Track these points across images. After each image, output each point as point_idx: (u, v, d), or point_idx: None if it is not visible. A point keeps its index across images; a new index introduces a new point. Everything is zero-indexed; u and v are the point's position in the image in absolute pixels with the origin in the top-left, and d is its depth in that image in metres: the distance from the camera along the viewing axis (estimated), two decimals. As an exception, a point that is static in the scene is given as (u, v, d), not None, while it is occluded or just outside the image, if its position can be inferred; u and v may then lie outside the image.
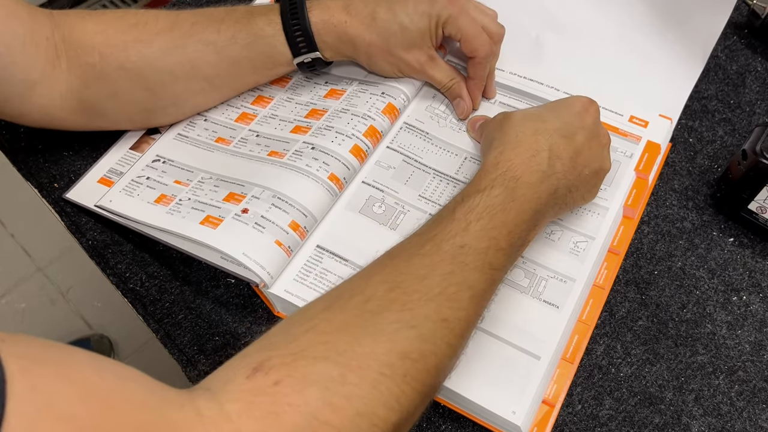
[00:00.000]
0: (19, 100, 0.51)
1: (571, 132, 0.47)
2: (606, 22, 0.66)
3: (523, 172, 0.43)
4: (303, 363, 0.33)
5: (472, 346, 0.47)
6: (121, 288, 0.53)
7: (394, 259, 0.40)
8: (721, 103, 0.63)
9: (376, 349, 0.35)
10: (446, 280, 0.38)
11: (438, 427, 0.47)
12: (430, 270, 0.38)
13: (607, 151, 0.50)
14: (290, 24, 0.53)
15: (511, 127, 0.47)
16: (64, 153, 0.59)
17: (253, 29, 0.53)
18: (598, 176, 0.49)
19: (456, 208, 0.42)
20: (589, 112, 0.49)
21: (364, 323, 0.35)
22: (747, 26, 0.68)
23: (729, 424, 0.47)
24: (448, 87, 0.57)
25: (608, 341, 0.51)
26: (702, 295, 0.53)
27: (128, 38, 0.51)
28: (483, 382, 0.46)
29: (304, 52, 0.54)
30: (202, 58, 0.53)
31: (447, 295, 0.38)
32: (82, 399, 0.26)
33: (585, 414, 0.48)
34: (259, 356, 0.33)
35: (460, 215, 0.41)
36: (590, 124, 0.48)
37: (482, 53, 0.55)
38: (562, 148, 0.45)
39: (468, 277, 0.39)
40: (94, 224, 0.56)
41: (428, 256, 0.39)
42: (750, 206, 0.53)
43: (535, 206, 0.44)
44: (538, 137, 0.45)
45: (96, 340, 1.30)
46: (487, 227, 0.41)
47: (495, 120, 0.50)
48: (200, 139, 0.58)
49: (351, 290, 0.38)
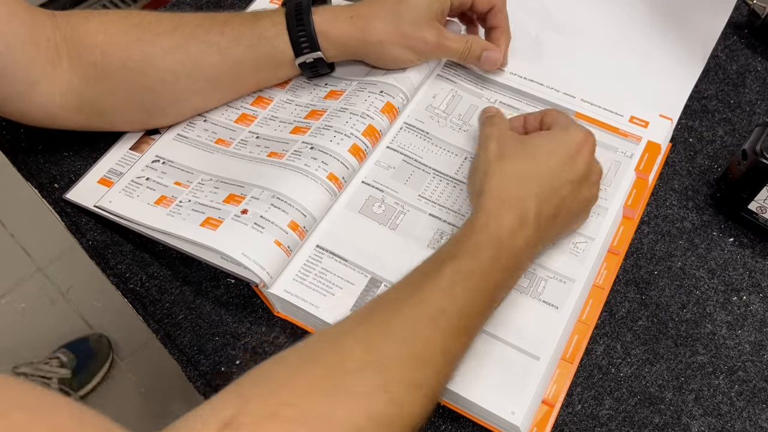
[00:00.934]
0: (19, 98, 0.51)
1: (559, 184, 0.46)
2: (606, 22, 0.66)
3: (510, 240, 0.43)
4: (275, 426, 0.33)
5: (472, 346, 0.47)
6: (122, 288, 0.53)
7: (375, 316, 0.40)
8: (721, 103, 0.63)
9: (349, 414, 0.34)
10: (423, 345, 0.38)
11: (438, 427, 0.47)
12: (409, 333, 0.38)
13: (596, 186, 0.50)
14: (294, 24, 0.53)
15: (503, 182, 0.46)
16: (65, 153, 0.59)
17: (257, 30, 0.53)
18: (585, 210, 0.50)
19: (443, 266, 0.41)
20: (582, 154, 0.47)
21: (339, 386, 0.35)
22: (747, 26, 0.68)
23: (729, 424, 0.47)
24: (467, 50, 0.57)
25: (608, 341, 0.51)
26: (702, 295, 0.53)
27: (131, 37, 0.52)
28: (482, 383, 0.46)
29: (307, 52, 0.54)
30: (205, 58, 0.53)
31: (423, 361, 0.38)
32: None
33: (585, 414, 0.48)
34: (232, 409, 0.33)
35: (447, 273, 0.41)
36: (581, 169, 0.47)
37: (500, 2, 0.57)
38: (550, 205, 0.45)
39: (445, 342, 0.39)
40: (94, 224, 0.56)
41: (407, 318, 0.39)
42: (750, 206, 0.53)
43: (517, 269, 0.45)
44: (526, 199, 0.44)
45: (95, 340, 1.30)
46: (470, 290, 0.41)
47: (487, 160, 0.48)
48: (200, 140, 0.58)
49: (329, 344, 0.38)
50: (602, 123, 0.58)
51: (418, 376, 0.37)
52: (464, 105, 0.59)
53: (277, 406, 0.34)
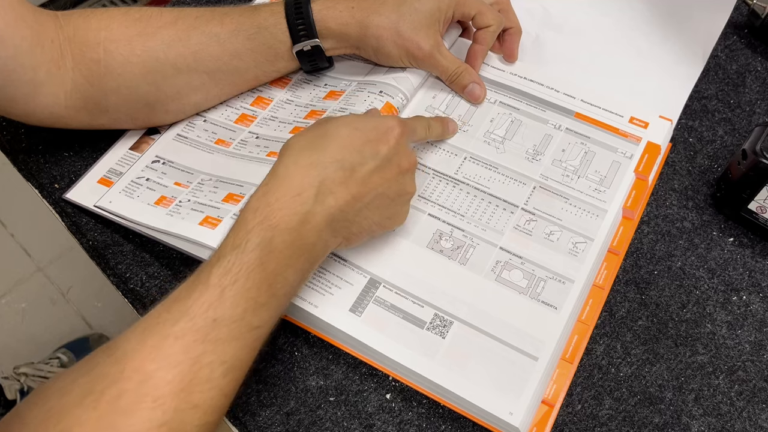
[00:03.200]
0: (24, 100, 0.51)
1: (354, 163, 0.44)
2: (606, 22, 0.66)
3: (281, 218, 0.41)
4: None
5: (470, 347, 0.47)
6: (122, 288, 0.53)
7: (147, 337, 0.38)
8: (721, 103, 0.63)
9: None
10: (198, 363, 0.37)
11: (438, 427, 0.47)
12: (182, 355, 0.37)
13: (410, 176, 0.47)
14: (293, 12, 0.54)
15: (287, 156, 0.44)
16: (65, 153, 0.59)
17: (256, 20, 0.54)
18: (398, 202, 0.47)
19: (212, 272, 0.39)
20: (386, 140, 0.45)
21: (116, 426, 0.35)
22: (747, 26, 0.68)
23: (729, 424, 0.47)
24: (457, 74, 0.58)
25: (608, 341, 0.51)
26: (702, 295, 0.53)
27: (132, 32, 0.52)
28: (481, 383, 0.46)
29: (304, 39, 0.55)
30: (205, 50, 0.53)
31: (199, 379, 0.37)
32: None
33: (585, 414, 0.48)
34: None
35: (215, 280, 0.39)
36: (385, 152, 0.45)
37: (497, 24, 0.57)
38: (337, 182, 0.43)
39: (223, 352, 0.38)
40: (94, 225, 0.56)
41: (180, 338, 0.37)
42: (750, 206, 0.53)
43: (299, 250, 0.42)
44: (310, 171, 0.42)
45: (95, 340, 1.30)
46: (243, 289, 0.39)
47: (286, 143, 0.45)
48: (200, 140, 0.58)
49: (105, 377, 0.37)
50: (602, 123, 0.58)
51: (194, 397, 0.37)
52: (464, 105, 0.59)
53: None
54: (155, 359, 0.37)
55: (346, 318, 0.48)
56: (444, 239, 0.52)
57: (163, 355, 0.37)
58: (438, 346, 0.47)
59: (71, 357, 1.25)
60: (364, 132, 0.45)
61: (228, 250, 0.40)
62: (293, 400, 0.48)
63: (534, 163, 0.56)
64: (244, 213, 0.42)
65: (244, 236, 0.41)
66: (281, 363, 0.49)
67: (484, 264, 0.51)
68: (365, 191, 0.44)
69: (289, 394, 0.48)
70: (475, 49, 0.59)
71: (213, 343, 0.38)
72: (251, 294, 0.40)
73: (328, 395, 0.48)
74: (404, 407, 0.48)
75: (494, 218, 0.53)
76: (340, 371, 0.49)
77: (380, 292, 0.49)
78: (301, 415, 0.47)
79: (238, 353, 0.39)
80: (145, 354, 0.37)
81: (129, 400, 0.36)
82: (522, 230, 0.52)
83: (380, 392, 0.48)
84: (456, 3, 0.56)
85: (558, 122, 0.58)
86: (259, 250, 0.40)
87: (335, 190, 0.43)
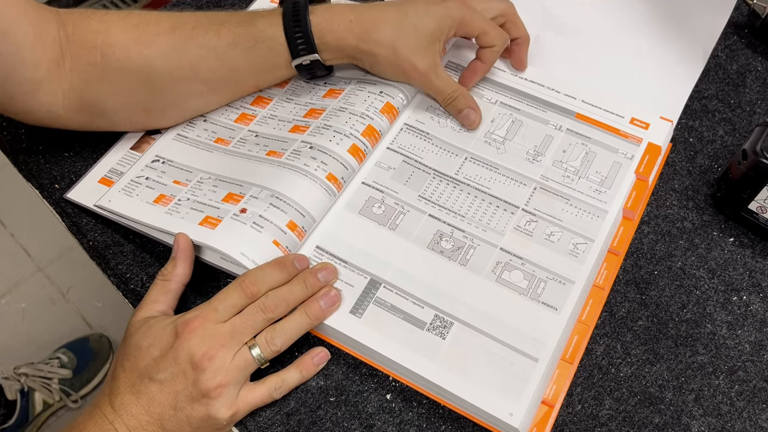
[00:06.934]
0: (24, 98, 0.51)
1: (150, 376, 0.44)
2: (606, 22, 0.66)
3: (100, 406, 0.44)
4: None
5: (471, 348, 0.47)
6: (122, 288, 0.53)
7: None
8: (722, 103, 0.63)
9: None
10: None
11: (438, 427, 0.47)
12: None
13: (216, 398, 0.44)
14: (291, 25, 0.52)
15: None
16: (65, 154, 0.59)
17: (253, 32, 0.53)
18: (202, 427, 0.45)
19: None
20: (179, 348, 0.44)
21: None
22: (747, 26, 0.68)
23: (729, 424, 0.47)
24: (452, 98, 0.57)
25: (608, 341, 0.51)
26: (702, 295, 0.53)
27: (130, 39, 0.51)
28: (481, 384, 0.46)
29: (303, 54, 0.54)
30: (202, 63, 0.53)
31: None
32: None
33: (585, 414, 0.48)
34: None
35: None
36: (180, 360, 0.44)
37: (501, 44, 0.56)
38: (131, 404, 0.44)
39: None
40: (94, 225, 0.56)
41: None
42: (750, 206, 0.53)
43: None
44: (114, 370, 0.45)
45: (95, 340, 1.30)
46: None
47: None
48: (200, 139, 0.58)
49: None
50: (603, 124, 0.58)
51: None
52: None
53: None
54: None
55: (347, 320, 0.48)
56: (444, 240, 0.52)
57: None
58: (438, 347, 0.47)
59: (71, 357, 1.25)
60: (152, 346, 0.45)
61: None
62: (293, 401, 0.48)
63: (535, 164, 0.56)
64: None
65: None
66: (281, 364, 0.49)
67: (484, 265, 0.51)
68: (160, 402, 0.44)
69: (289, 394, 0.48)
70: (477, 66, 0.58)
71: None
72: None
73: (329, 395, 0.48)
74: (404, 407, 0.48)
75: (495, 219, 0.53)
76: (340, 371, 0.49)
77: (380, 293, 0.49)
78: (301, 415, 0.47)
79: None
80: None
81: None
82: (522, 231, 0.52)
83: (380, 392, 0.48)
84: (459, 23, 0.54)
85: (559, 123, 0.58)
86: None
87: (133, 413, 0.44)
